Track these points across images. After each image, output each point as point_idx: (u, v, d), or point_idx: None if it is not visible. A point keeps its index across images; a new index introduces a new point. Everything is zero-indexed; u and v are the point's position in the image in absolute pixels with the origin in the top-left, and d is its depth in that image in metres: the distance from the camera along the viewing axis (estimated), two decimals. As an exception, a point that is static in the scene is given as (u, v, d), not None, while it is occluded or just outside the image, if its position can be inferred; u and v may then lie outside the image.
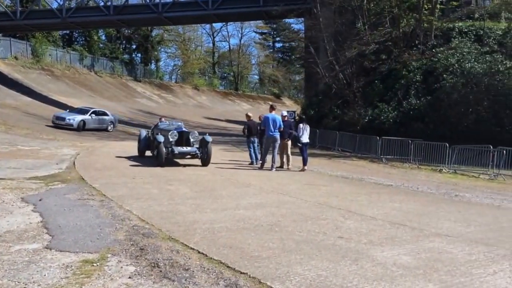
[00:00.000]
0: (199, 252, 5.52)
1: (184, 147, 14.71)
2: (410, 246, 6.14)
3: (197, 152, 14.68)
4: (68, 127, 28.56)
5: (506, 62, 22.79)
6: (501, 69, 22.34)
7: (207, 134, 15.43)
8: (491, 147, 17.04)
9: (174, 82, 71.42)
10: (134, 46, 66.90)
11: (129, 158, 16.02)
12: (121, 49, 62.88)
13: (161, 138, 14.24)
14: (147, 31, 64.21)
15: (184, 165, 14.76)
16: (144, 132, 17.07)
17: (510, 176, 15.95)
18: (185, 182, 11.29)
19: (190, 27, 71.73)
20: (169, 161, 14.81)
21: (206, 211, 7.89)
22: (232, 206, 8.40)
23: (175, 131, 14.82)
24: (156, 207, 8.04)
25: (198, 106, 62.50)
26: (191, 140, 14.92)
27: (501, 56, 23.57)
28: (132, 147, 18.45)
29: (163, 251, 5.53)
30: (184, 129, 15.40)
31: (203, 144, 14.80)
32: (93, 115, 30.55)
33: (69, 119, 28.89)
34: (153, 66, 69.59)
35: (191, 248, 5.67)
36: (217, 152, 18.07)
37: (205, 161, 14.78)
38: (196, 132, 15.65)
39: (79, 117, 29.50)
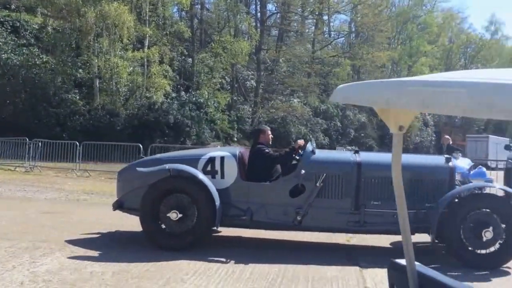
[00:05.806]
0: None
1: None
2: None
3: None
4: None
5: (43, 56, 23.59)
6: (37, 62, 23.04)
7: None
8: (27, 139, 17.26)
9: None
10: None
11: None
12: None
13: None
14: None
15: None
16: None
17: (46, 168, 16.56)
18: None
19: None
20: None
21: None
22: None
23: None
24: None
25: None
26: None
27: (37, 50, 24.21)
28: None
29: None
30: None
31: None
32: None
33: None
34: None
35: None
36: None
37: None
38: None
39: None
